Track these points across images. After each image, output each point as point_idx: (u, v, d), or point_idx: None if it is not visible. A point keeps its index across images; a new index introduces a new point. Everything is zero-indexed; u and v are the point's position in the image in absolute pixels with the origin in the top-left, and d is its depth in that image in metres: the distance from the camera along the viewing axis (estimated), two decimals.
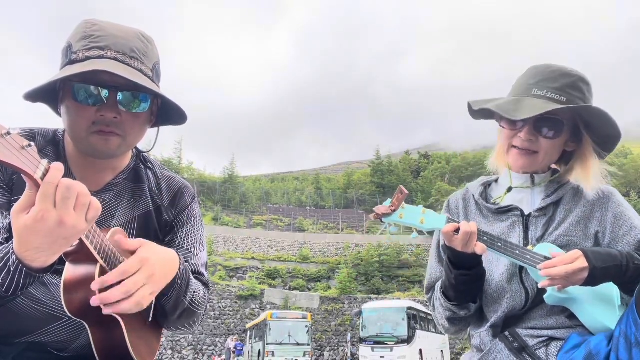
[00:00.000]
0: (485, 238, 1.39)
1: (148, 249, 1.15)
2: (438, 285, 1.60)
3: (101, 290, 1.04)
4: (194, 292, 1.35)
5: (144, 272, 1.10)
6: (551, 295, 1.38)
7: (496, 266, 1.53)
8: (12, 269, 1.00)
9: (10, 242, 1.00)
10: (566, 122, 1.48)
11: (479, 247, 1.36)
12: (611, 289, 1.38)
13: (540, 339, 1.42)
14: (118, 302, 1.04)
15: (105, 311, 1.05)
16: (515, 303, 1.47)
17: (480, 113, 1.64)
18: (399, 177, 67.04)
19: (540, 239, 1.50)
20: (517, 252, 1.38)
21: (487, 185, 1.71)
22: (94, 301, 1.02)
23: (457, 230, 1.37)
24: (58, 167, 0.92)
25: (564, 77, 1.47)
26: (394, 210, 1.38)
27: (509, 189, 1.60)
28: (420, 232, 1.41)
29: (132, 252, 1.13)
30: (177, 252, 1.27)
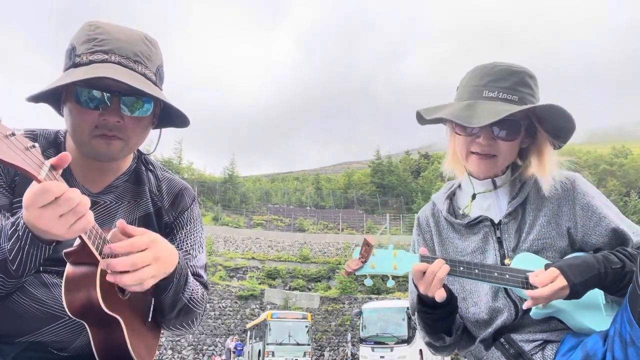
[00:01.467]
0: (461, 268, 1.37)
1: (154, 234, 1.17)
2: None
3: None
4: (192, 291, 1.36)
5: (151, 251, 1.12)
6: (537, 312, 1.38)
7: (481, 286, 1.52)
8: (20, 233, 1.02)
9: (20, 213, 1.03)
10: (522, 121, 1.46)
11: (437, 294, 1.34)
12: (594, 291, 1.37)
13: (536, 343, 1.42)
14: (122, 274, 1.07)
15: (109, 278, 1.07)
16: (505, 318, 1.46)
17: (429, 120, 1.60)
18: (399, 177, 67.00)
19: (515, 248, 1.48)
20: (496, 274, 1.36)
21: (452, 196, 1.68)
22: (102, 264, 1.06)
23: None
24: (60, 185, 0.95)
25: (512, 75, 1.44)
26: (365, 262, 1.37)
27: (474, 196, 1.58)
28: (395, 277, 1.38)
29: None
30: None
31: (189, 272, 1.35)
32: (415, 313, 1.59)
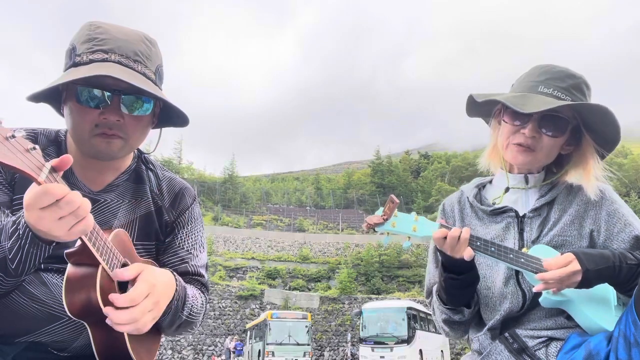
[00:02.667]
0: (478, 243, 1.38)
1: (151, 274, 1.16)
2: (435, 289, 1.61)
3: (106, 304, 1.08)
4: (192, 306, 1.36)
5: (150, 299, 1.13)
6: (546, 299, 1.38)
7: (495, 271, 1.53)
8: (21, 232, 1.03)
9: (21, 212, 1.03)
10: (570, 121, 1.48)
11: (466, 253, 1.36)
12: (607, 290, 1.38)
13: (540, 340, 1.43)
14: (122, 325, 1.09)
15: (109, 322, 1.08)
16: (512, 305, 1.47)
17: (478, 110, 1.63)
18: (399, 177, 67.06)
19: (535, 241, 1.50)
20: (511, 255, 1.38)
21: (481, 187, 1.70)
22: (106, 310, 1.07)
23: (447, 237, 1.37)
24: (62, 187, 0.94)
25: (570, 78, 1.48)
26: (386, 220, 1.38)
27: (507, 189, 1.60)
28: (414, 237, 1.40)
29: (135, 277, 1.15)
30: (172, 272, 1.29)
31: (187, 290, 1.35)
32: (434, 292, 1.60)
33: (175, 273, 1.30)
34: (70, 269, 1.09)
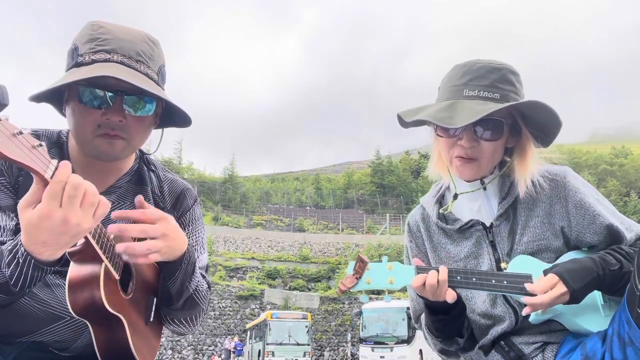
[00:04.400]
0: (458, 278, 1.34)
1: (165, 214, 1.20)
2: (423, 322, 1.58)
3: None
4: (199, 283, 1.37)
5: (161, 226, 1.16)
6: (536, 319, 1.37)
7: (477, 293, 1.49)
8: (20, 261, 1.02)
9: (19, 235, 1.02)
10: (505, 120, 1.41)
11: (448, 296, 1.32)
12: (592, 293, 1.35)
13: (536, 345, 1.41)
14: (131, 244, 1.11)
15: (118, 247, 1.10)
16: (506, 326, 1.44)
17: (411, 122, 1.53)
18: (399, 177, 66.98)
19: (510, 252, 1.44)
20: (493, 281, 1.33)
21: (440, 199, 1.63)
22: (112, 228, 1.09)
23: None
24: (66, 166, 0.94)
25: (493, 72, 1.39)
26: (359, 278, 1.36)
27: (455, 196, 1.54)
28: (392, 291, 1.38)
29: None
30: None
31: (196, 262, 1.36)
32: (423, 324, 1.57)
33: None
34: (73, 267, 1.10)
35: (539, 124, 1.41)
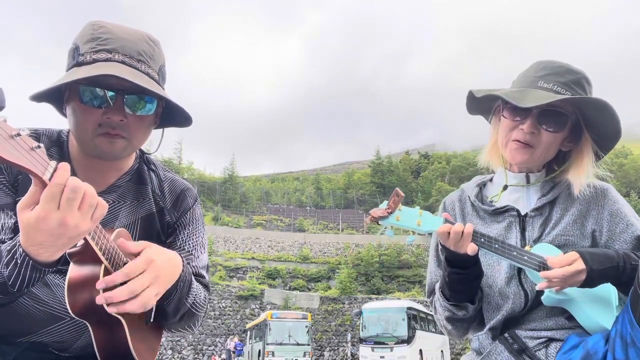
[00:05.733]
0: (482, 239, 1.38)
1: (153, 250, 1.16)
2: (437, 286, 1.60)
3: (105, 290, 1.05)
4: (196, 295, 1.36)
5: (149, 273, 1.11)
6: (548, 297, 1.38)
7: (497, 270, 1.52)
8: (19, 261, 1.01)
9: (17, 235, 1.01)
10: (569, 117, 1.46)
11: (469, 248, 1.35)
12: (609, 290, 1.38)
13: (540, 340, 1.42)
14: (123, 302, 1.06)
15: (110, 310, 1.06)
16: (514, 305, 1.47)
17: (478, 107, 1.63)
18: (399, 177, 67.02)
19: (537, 240, 1.48)
20: (515, 253, 1.37)
21: (482, 186, 1.68)
22: (99, 300, 1.04)
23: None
24: (65, 168, 0.93)
25: (570, 74, 1.47)
26: (391, 213, 1.36)
27: (505, 187, 1.59)
28: (418, 233, 1.39)
29: (137, 255, 1.14)
30: (179, 255, 1.28)
31: (193, 277, 1.35)
32: (437, 288, 1.58)
33: (182, 256, 1.29)
34: (72, 268, 1.09)
35: (600, 129, 1.47)
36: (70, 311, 1.09)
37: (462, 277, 1.45)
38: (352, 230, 48.58)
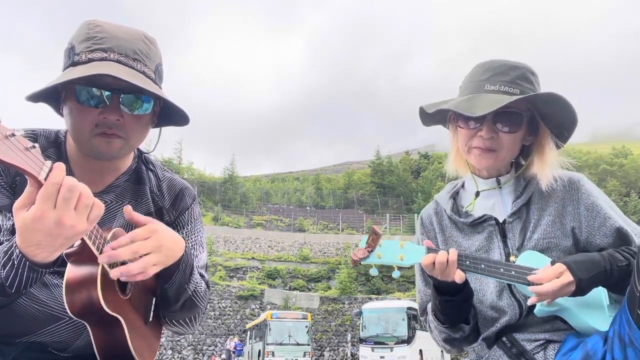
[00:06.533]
0: (467, 262, 1.36)
1: (159, 224, 1.19)
2: (429, 308, 1.59)
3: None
4: (197, 284, 1.37)
5: (153, 240, 1.14)
6: (541, 310, 1.37)
7: (486, 284, 1.52)
8: (15, 263, 1.01)
9: (14, 236, 1.01)
10: (524, 113, 1.45)
11: (457, 276, 1.34)
12: (598, 291, 1.37)
13: (538, 343, 1.42)
14: (125, 266, 1.09)
15: (114, 274, 1.08)
16: (510, 318, 1.46)
17: (432, 120, 1.60)
18: (399, 177, 66.98)
19: (520, 247, 1.47)
20: (502, 270, 1.35)
21: (455, 195, 1.66)
22: (102, 258, 1.06)
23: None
24: (61, 168, 0.93)
25: (514, 70, 1.45)
26: (371, 251, 1.37)
27: (477, 194, 1.57)
28: (402, 268, 1.38)
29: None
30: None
31: (194, 263, 1.36)
32: (429, 311, 1.58)
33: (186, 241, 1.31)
34: (70, 268, 1.09)
35: (556, 121, 1.46)
36: (68, 312, 1.09)
37: (454, 302, 1.45)
38: (352, 230, 48.55)
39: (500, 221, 1.53)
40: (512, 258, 1.46)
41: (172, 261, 1.22)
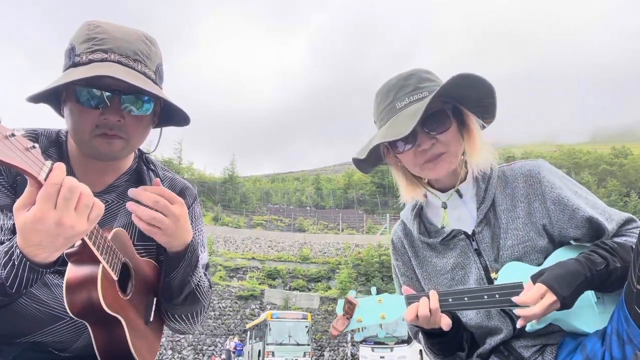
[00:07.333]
0: (450, 300, 1.34)
1: (181, 204, 1.24)
2: (421, 340, 1.57)
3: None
4: (200, 278, 1.37)
5: (175, 208, 1.19)
6: (533, 328, 1.35)
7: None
8: (16, 263, 1.01)
9: (14, 237, 1.01)
10: (445, 108, 1.43)
11: (443, 323, 1.33)
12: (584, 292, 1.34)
13: (535, 348, 1.41)
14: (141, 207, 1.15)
15: (129, 205, 1.14)
16: (504, 335, 1.44)
17: (369, 163, 1.57)
18: None
19: (497, 258, 1.44)
20: (485, 297, 1.32)
21: (419, 212, 1.63)
22: (131, 192, 1.14)
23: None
24: (61, 168, 0.93)
25: (409, 79, 1.45)
26: (350, 318, 1.36)
27: (444, 205, 1.53)
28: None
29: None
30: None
31: (199, 256, 1.36)
32: (423, 344, 1.57)
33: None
34: (70, 268, 1.10)
35: (472, 98, 1.44)
36: (68, 312, 1.09)
37: (445, 341, 1.45)
38: (352, 231, 48.54)
39: (470, 232, 1.49)
40: (492, 274, 1.43)
41: (178, 243, 1.24)
